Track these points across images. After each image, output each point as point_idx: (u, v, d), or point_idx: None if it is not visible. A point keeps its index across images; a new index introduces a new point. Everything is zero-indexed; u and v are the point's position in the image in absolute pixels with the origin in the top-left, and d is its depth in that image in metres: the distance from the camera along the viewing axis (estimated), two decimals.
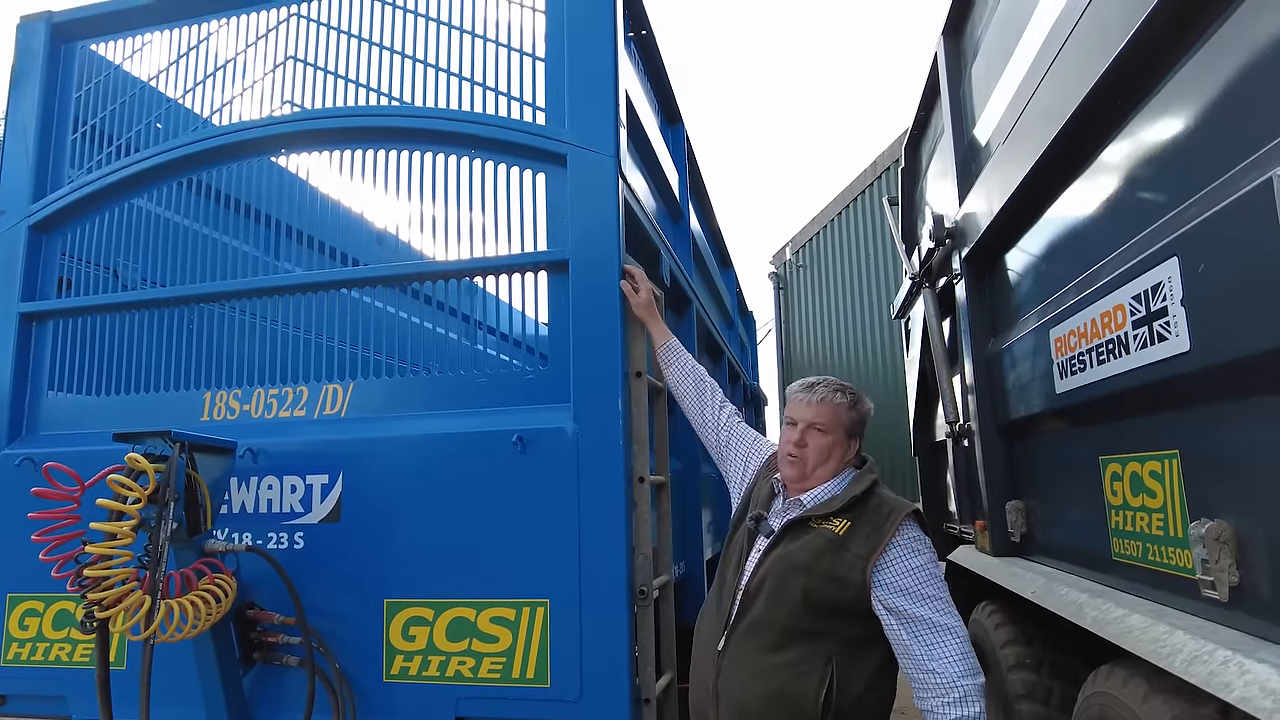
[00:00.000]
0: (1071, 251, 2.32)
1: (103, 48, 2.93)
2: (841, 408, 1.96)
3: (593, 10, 2.37)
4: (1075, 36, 2.06)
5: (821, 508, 1.88)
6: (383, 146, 2.49)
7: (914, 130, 4.54)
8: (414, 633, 2.20)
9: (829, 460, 1.94)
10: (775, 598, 1.80)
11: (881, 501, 1.89)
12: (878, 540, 1.80)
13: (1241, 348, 1.47)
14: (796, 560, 1.81)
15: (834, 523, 1.85)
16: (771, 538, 1.90)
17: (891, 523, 1.82)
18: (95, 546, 1.80)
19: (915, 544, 1.83)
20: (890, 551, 1.80)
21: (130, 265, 2.77)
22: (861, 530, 1.83)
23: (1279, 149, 1.36)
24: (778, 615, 1.79)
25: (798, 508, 1.93)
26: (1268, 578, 1.50)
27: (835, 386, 2.01)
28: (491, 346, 2.57)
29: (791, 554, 1.83)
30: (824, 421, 1.94)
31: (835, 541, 1.81)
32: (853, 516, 1.85)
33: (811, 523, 1.87)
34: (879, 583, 1.78)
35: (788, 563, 1.82)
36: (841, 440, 1.96)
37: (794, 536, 1.87)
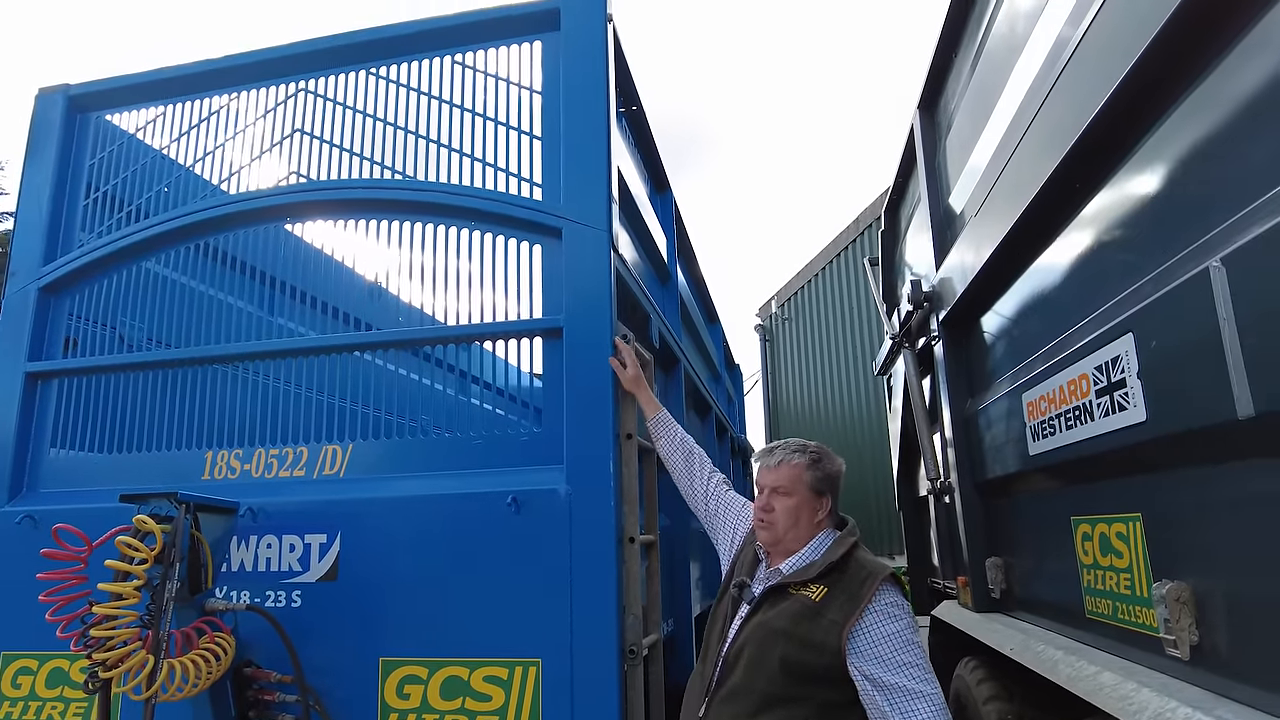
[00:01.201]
0: (1041, 320, 2.44)
1: (117, 118, 3.07)
2: (800, 467, 1.99)
3: (586, 93, 2.52)
4: (1036, 124, 2.22)
5: (799, 574, 1.91)
6: (387, 217, 2.62)
7: (893, 195, 4.73)
8: (408, 691, 2.24)
9: (798, 522, 1.96)
10: (754, 665, 1.82)
11: (859, 566, 1.90)
12: (853, 606, 1.81)
13: (1191, 420, 1.58)
14: (774, 627, 1.83)
15: (811, 589, 1.87)
16: (752, 604, 1.92)
17: (867, 588, 1.83)
18: (101, 607, 1.85)
19: (891, 609, 1.83)
20: (866, 618, 1.80)
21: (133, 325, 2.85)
22: (838, 596, 1.84)
23: (1216, 240, 1.49)
24: (756, 682, 1.81)
25: (777, 575, 1.95)
26: (1225, 637, 1.59)
27: (794, 447, 2.04)
28: (486, 404, 2.65)
29: (769, 621, 1.85)
30: (785, 484, 1.97)
31: (812, 608, 1.83)
32: (830, 582, 1.87)
33: (790, 589, 1.89)
34: (854, 649, 1.78)
35: (766, 630, 1.84)
36: (808, 499, 1.98)
37: (773, 603, 1.89)
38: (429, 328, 2.53)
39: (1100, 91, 1.78)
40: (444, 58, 2.73)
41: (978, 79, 2.95)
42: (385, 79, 2.76)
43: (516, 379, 2.51)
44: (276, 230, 2.75)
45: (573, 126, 2.50)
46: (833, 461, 2.06)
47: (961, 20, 3.11)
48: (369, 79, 2.78)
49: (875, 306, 9.47)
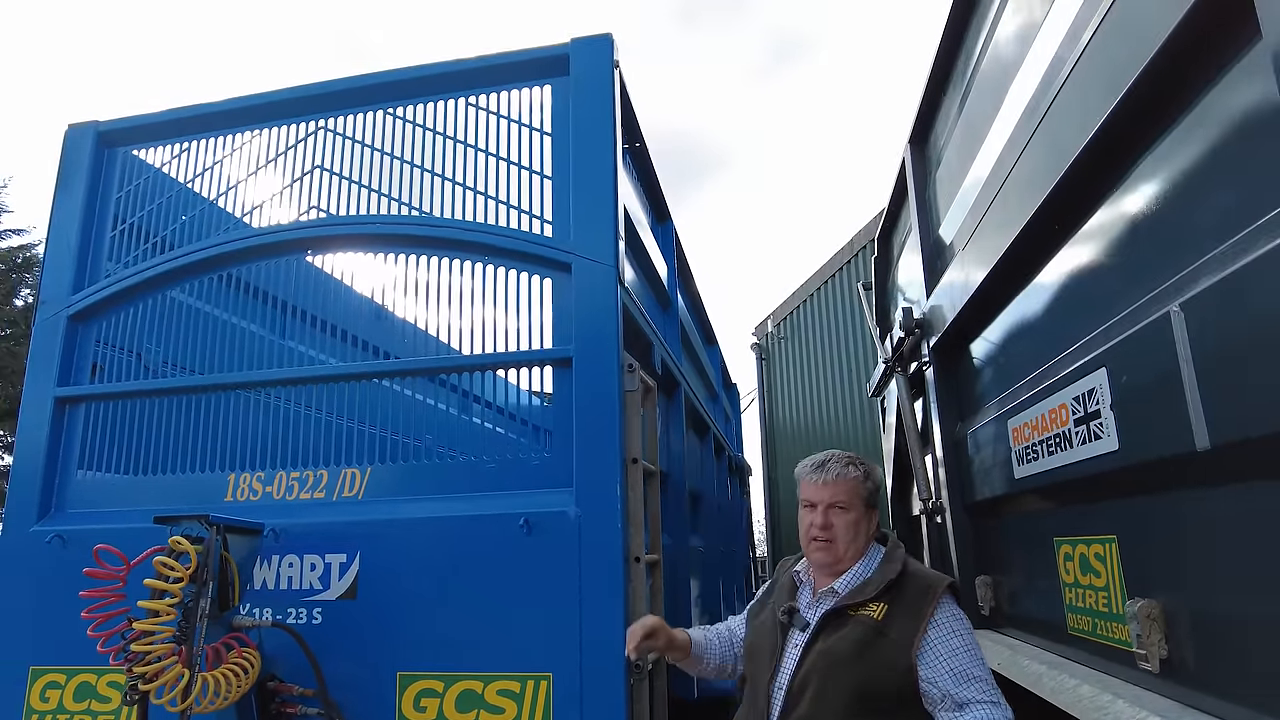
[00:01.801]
0: (1024, 351, 2.58)
1: (143, 153, 3.21)
2: (857, 481, 1.94)
3: (594, 135, 2.67)
4: (1019, 166, 2.36)
5: (856, 594, 1.83)
6: (404, 251, 2.76)
7: (885, 223, 4.89)
8: (425, 704, 2.35)
9: (856, 537, 1.90)
10: (821, 696, 1.74)
11: (916, 579, 1.85)
12: (918, 622, 1.75)
13: (1158, 450, 1.72)
14: (839, 654, 1.76)
15: (872, 608, 1.80)
16: (809, 631, 1.84)
17: (929, 601, 1.78)
18: (141, 623, 1.96)
19: (954, 622, 1.80)
20: (931, 632, 1.75)
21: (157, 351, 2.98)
22: (900, 613, 1.78)
23: (1178, 285, 1.63)
24: (825, 712, 1.74)
25: (832, 597, 1.88)
26: (1191, 651, 1.71)
27: (845, 460, 1.97)
28: (498, 429, 2.77)
29: (833, 648, 1.78)
30: (844, 498, 1.91)
31: (875, 628, 1.77)
32: (889, 599, 1.80)
33: (849, 611, 1.81)
34: (924, 664, 1.73)
35: (831, 658, 1.77)
36: (863, 514, 1.93)
37: (833, 629, 1.81)
38: (444, 357, 2.67)
39: (1074, 143, 1.93)
40: (458, 99, 2.87)
41: (965, 119, 3.10)
42: (402, 119, 2.90)
43: (517, 400, 2.64)
44: (298, 262, 2.88)
45: (581, 167, 2.64)
46: (878, 473, 2.02)
47: (950, 61, 3.27)
48: (386, 118, 2.92)
49: (869, 328, 9.64)
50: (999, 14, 2.68)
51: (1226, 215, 1.50)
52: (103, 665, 2.59)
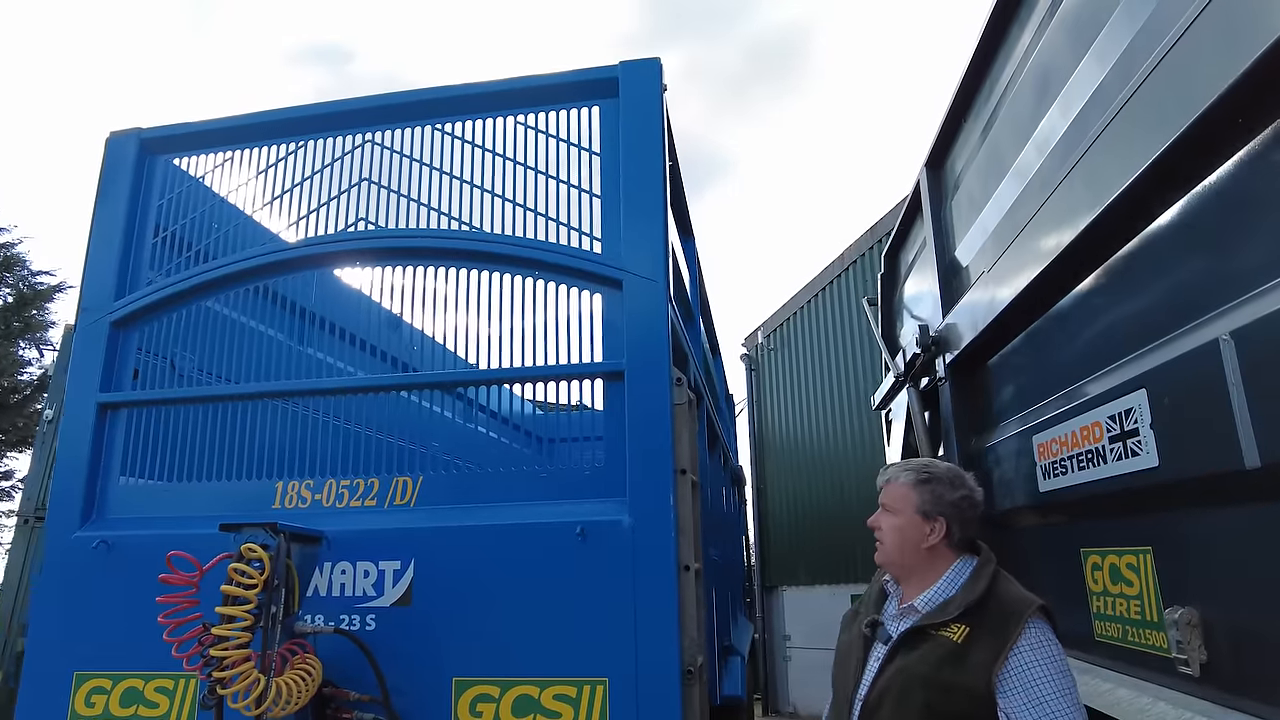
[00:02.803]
0: (1053, 370, 2.70)
1: (185, 162, 3.23)
2: (906, 486, 1.95)
3: (643, 157, 2.75)
4: (1056, 196, 2.48)
5: (937, 614, 1.81)
6: (457, 265, 2.82)
7: (894, 242, 5.03)
8: (481, 709, 2.40)
9: (904, 544, 1.92)
10: (897, 713, 1.74)
11: (1002, 601, 1.80)
12: (1001, 645, 1.70)
13: (1199, 468, 1.84)
14: (916, 673, 1.74)
15: (953, 629, 1.77)
16: (890, 645, 1.84)
17: (1015, 625, 1.73)
18: (219, 628, 2.00)
19: (1040, 650, 1.73)
20: (1014, 657, 1.70)
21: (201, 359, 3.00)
22: (983, 635, 1.74)
23: (1227, 314, 1.75)
24: None
25: (913, 614, 1.87)
26: (1231, 656, 1.83)
27: (908, 466, 2.00)
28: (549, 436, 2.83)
29: (910, 666, 1.76)
30: (891, 501, 1.95)
31: (955, 651, 1.73)
32: (972, 621, 1.77)
33: (930, 630, 1.79)
34: (1004, 691, 1.68)
35: (907, 676, 1.75)
36: (914, 521, 1.92)
37: (912, 646, 1.80)
38: (499, 369, 2.73)
39: (1119, 179, 2.05)
40: (507, 117, 2.95)
41: (989, 148, 3.24)
42: (451, 135, 2.97)
43: (567, 413, 2.70)
44: (351, 274, 2.94)
45: (631, 187, 2.73)
46: (951, 486, 1.96)
47: (972, 92, 3.41)
48: (435, 134, 2.99)
49: (861, 340, 9.82)
50: (1030, 51, 2.81)
51: (1269, 250, 1.63)
52: (150, 670, 2.62)
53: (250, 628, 2.07)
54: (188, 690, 2.60)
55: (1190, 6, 1.76)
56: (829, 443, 10.62)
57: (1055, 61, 2.57)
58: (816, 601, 10.89)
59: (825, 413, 10.75)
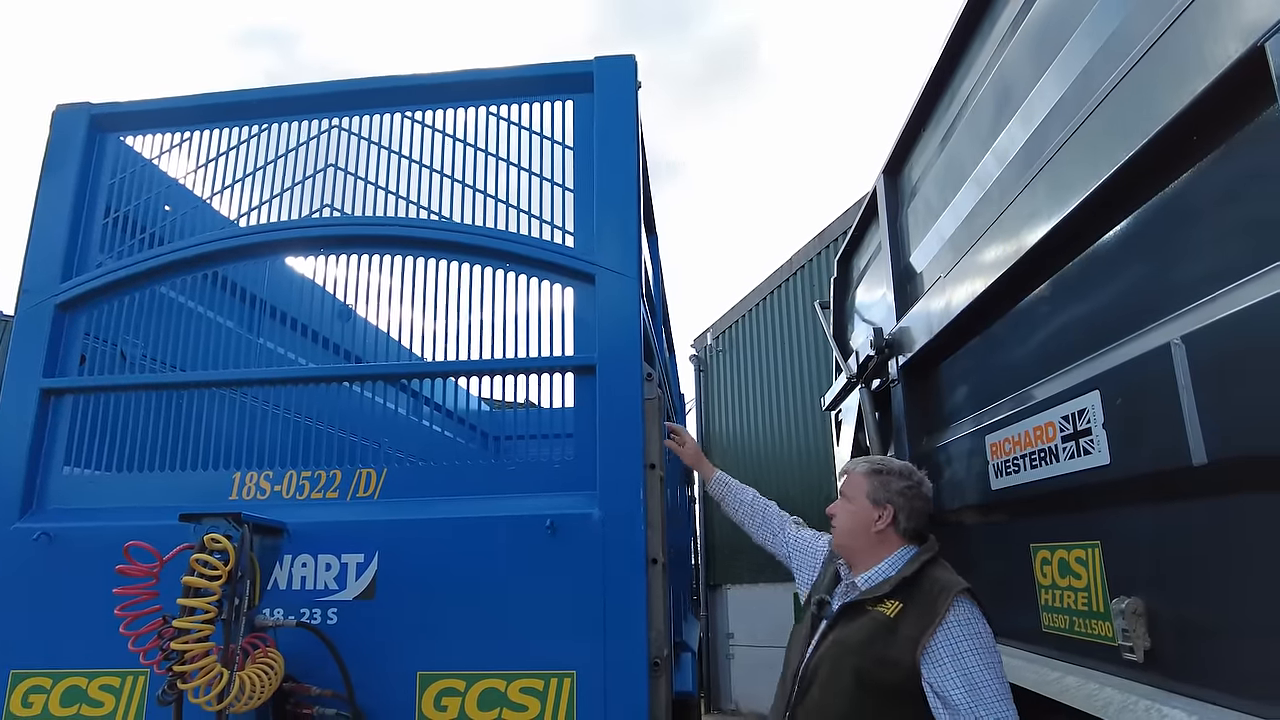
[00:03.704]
0: (1008, 372, 2.80)
1: (139, 141, 3.11)
2: (861, 474, 2.13)
3: (617, 153, 2.77)
4: (1015, 206, 2.58)
5: (874, 590, 1.96)
6: (424, 255, 2.78)
7: (848, 247, 5.15)
8: (446, 703, 2.38)
9: (855, 527, 2.08)
10: (829, 682, 1.87)
11: (933, 581, 1.94)
12: (928, 622, 1.82)
13: (1149, 465, 1.95)
14: (849, 644, 1.88)
15: (886, 605, 1.90)
16: (829, 621, 2.00)
17: (943, 603, 1.85)
18: (181, 621, 1.94)
19: (965, 626, 1.85)
20: (940, 633, 1.81)
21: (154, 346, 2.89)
22: (911, 612, 1.87)
23: (1178, 319, 1.85)
24: (832, 699, 1.87)
25: (852, 591, 2.02)
26: (1173, 643, 1.95)
27: (866, 460, 2.21)
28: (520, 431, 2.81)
29: (845, 638, 1.91)
30: (847, 489, 2.14)
31: (887, 624, 1.86)
32: (904, 598, 1.90)
33: (866, 605, 1.94)
34: (928, 665, 1.80)
35: (841, 647, 1.90)
36: (865, 507, 2.08)
37: (849, 620, 1.95)
38: (468, 361, 2.70)
39: (1080, 187, 2.15)
40: (479, 108, 2.92)
41: (947, 158, 3.35)
42: (421, 123, 2.93)
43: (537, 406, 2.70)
44: (317, 262, 2.87)
45: (605, 182, 2.74)
46: (900, 477, 2.14)
47: (932, 103, 3.52)
48: (404, 122, 2.94)
49: (807, 344, 10.00)
50: (992, 64, 2.92)
51: (1219, 260, 1.74)
52: (95, 668, 2.52)
53: (212, 620, 2.01)
54: (136, 688, 2.50)
55: (1149, 31, 1.86)
56: (774, 444, 10.79)
57: (1017, 75, 2.67)
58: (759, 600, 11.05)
59: (771, 415, 10.93)
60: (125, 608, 2.00)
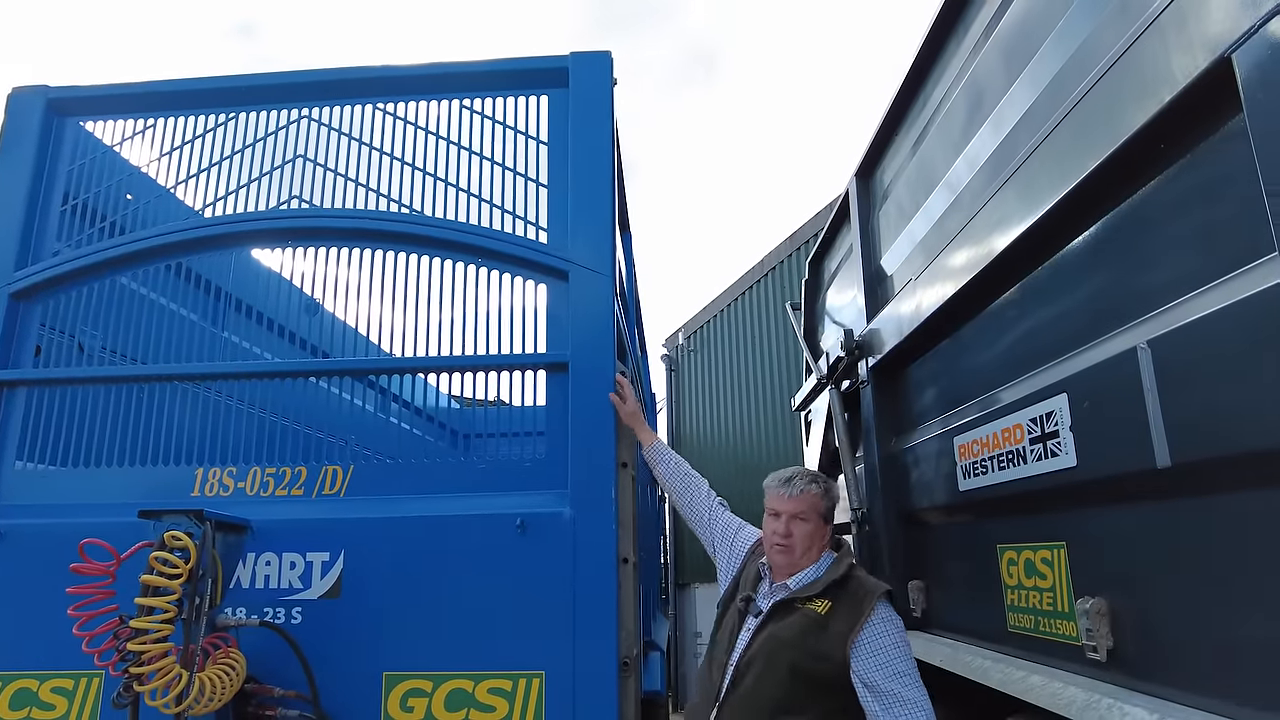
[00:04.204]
0: (977, 375, 2.83)
1: (100, 127, 3.02)
2: (817, 496, 2.23)
3: (592, 149, 2.75)
4: (986, 210, 2.61)
5: (805, 590, 2.12)
6: (396, 249, 2.73)
7: (819, 249, 5.18)
8: (412, 704, 2.34)
9: (812, 546, 2.20)
10: (765, 674, 2.01)
11: (859, 584, 2.13)
12: (855, 619, 2.01)
13: (1114, 467, 1.98)
14: (783, 639, 2.04)
15: (816, 604, 2.08)
16: (760, 618, 2.13)
17: (868, 604, 2.05)
18: (139, 621, 1.88)
19: (888, 624, 2.05)
20: (867, 630, 2.01)
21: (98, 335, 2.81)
22: (841, 610, 2.05)
23: (1145, 323, 1.88)
24: (766, 689, 2.00)
25: (784, 590, 2.15)
26: (1136, 642, 1.98)
27: (809, 478, 2.26)
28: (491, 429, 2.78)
29: (779, 633, 2.06)
30: (804, 510, 2.20)
31: (818, 621, 2.04)
32: (833, 597, 2.08)
33: (796, 604, 2.10)
34: (856, 658, 1.98)
35: (776, 641, 2.04)
36: (819, 525, 2.22)
37: (781, 617, 2.10)
38: (438, 357, 2.66)
39: (1051, 192, 2.17)
40: (452, 101, 2.89)
41: (919, 161, 3.38)
42: (393, 115, 2.88)
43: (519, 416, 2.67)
44: (281, 253, 2.80)
45: (580, 178, 2.72)
46: (836, 491, 2.31)
47: (905, 106, 3.55)
48: (376, 114, 2.89)
49: (777, 345, 10.06)
50: (964, 70, 2.95)
51: (1184, 267, 1.77)
52: (46, 670, 2.44)
53: (171, 620, 1.95)
54: (90, 690, 2.43)
55: (1119, 41, 1.89)
56: (744, 444, 10.84)
57: (989, 82, 2.70)
58: None
59: (742, 414, 10.97)
60: (79, 607, 1.94)
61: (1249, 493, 1.61)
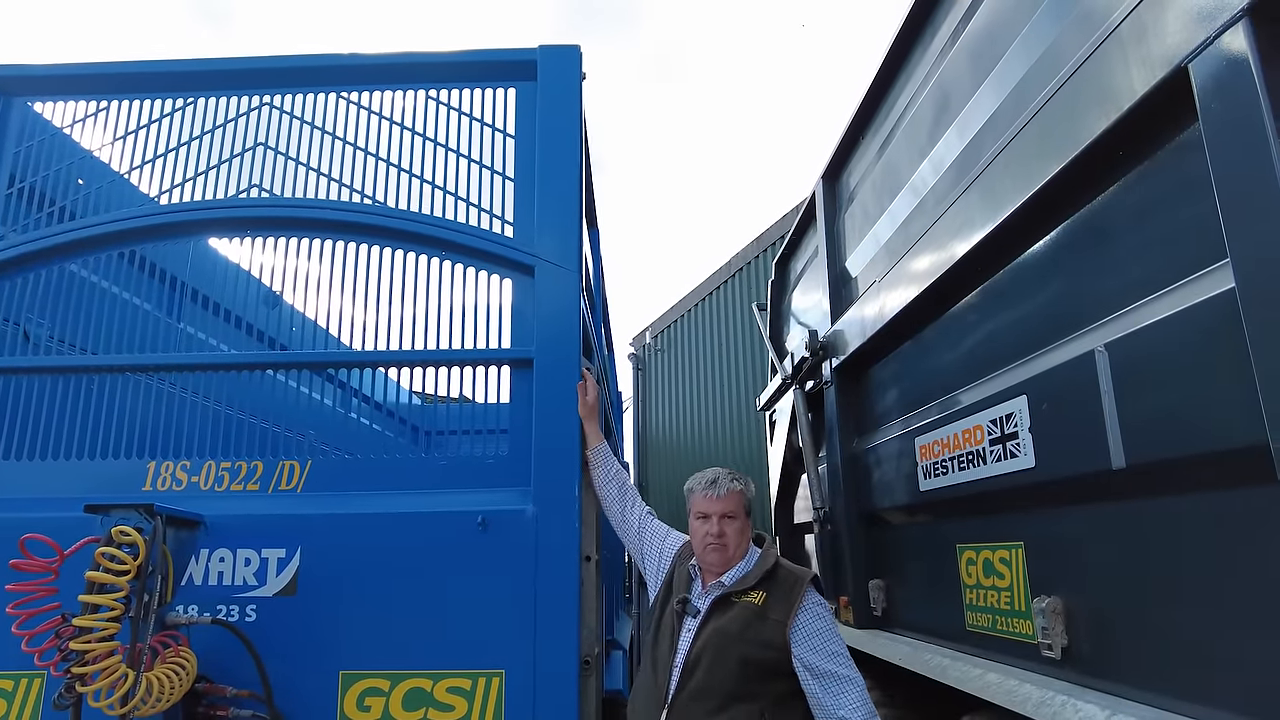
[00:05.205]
0: (938, 376, 2.86)
1: (49, 109, 2.92)
2: (741, 493, 2.27)
3: (560, 143, 2.72)
4: (949, 215, 2.64)
5: (740, 584, 2.17)
6: (357, 240, 2.68)
7: (785, 250, 5.22)
8: (369, 703, 2.30)
9: (743, 541, 2.24)
10: (714, 666, 2.06)
11: (787, 573, 2.21)
12: (789, 606, 2.10)
13: (1071, 468, 2.02)
14: (729, 632, 2.09)
15: (753, 595, 2.15)
16: (700, 616, 2.17)
17: (798, 591, 2.13)
18: (82, 619, 1.82)
19: (818, 607, 2.14)
20: (800, 615, 2.09)
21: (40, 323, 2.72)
22: (775, 599, 2.13)
23: (1102, 327, 1.92)
24: (717, 681, 2.05)
25: (720, 588, 2.20)
26: (1089, 640, 2.02)
27: (731, 476, 2.31)
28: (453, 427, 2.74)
29: (724, 627, 2.11)
30: (732, 509, 2.23)
31: (757, 612, 2.11)
32: (767, 588, 2.16)
33: (733, 598, 2.16)
34: (795, 642, 2.06)
35: (722, 635, 2.09)
36: (745, 521, 2.27)
37: (721, 612, 2.15)
38: (400, 351, 2.62)
39: (1013, 197, 2.21)
40: (417, 91, 2.84)
41: (885, 164, 3.41)
42: (357, 105, 2.83)
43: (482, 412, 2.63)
44: (240, 243, 2.73)
45: (547, 172, 2.69)
46: (753, 485, 2.37)
47: (872, 109, 3.58)
48: (340, 102, 2.83)
49: (744, 345, 10.11)
50: (930, 76, 2.99)
51: (1142, 271, 1.81)
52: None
53: (118, 618, 1.89)
54: (31, 691, 2.35)
55: (1080, 50, 1.92)
56: (710, 443, 10.86)
57: (954, 87, 2.74)
58: None
59: (707, 414, 11.00)
60: (19, 605, 1.87)
61: (1201, 494, 1.65)
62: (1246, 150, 1.41)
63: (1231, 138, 1.46)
